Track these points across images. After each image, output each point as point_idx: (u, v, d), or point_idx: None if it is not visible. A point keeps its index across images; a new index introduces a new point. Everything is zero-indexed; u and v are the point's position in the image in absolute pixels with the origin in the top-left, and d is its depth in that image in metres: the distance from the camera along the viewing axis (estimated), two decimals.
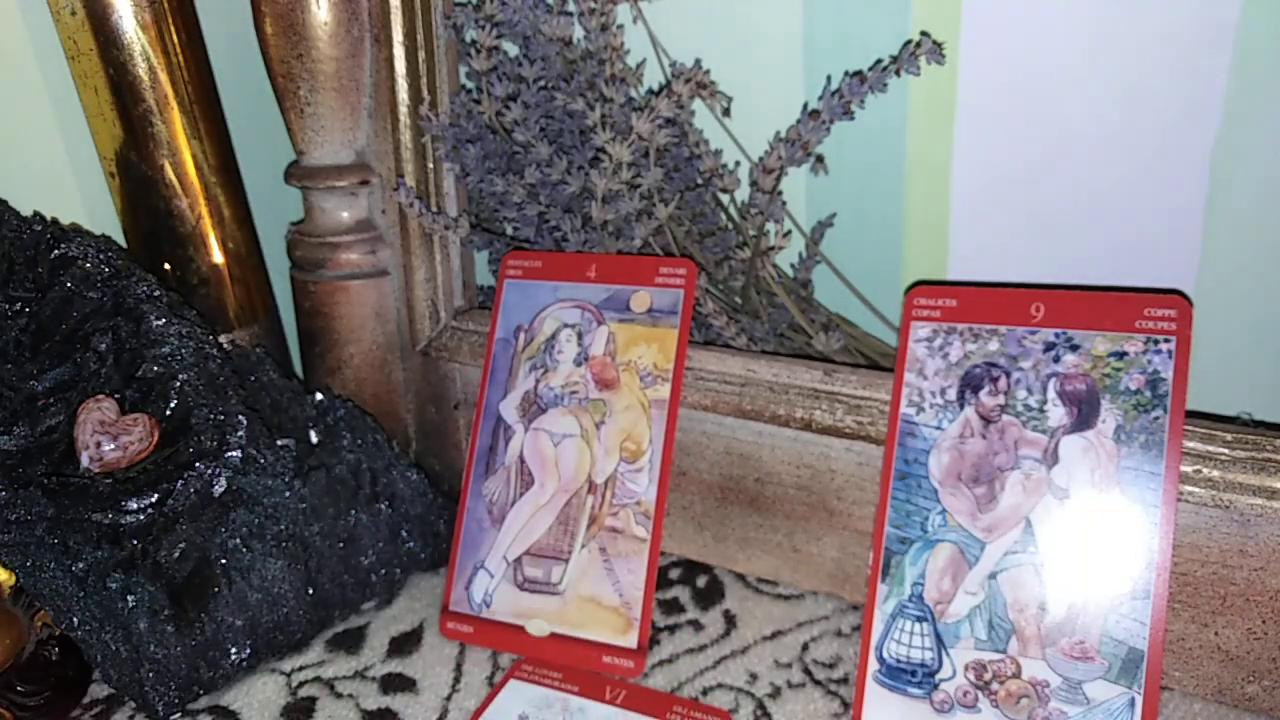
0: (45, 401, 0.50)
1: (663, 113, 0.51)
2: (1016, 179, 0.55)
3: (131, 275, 0.53)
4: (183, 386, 0.50)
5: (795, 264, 0.60)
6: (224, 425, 0.50)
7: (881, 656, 0.44)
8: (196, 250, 0.60)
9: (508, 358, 0.55)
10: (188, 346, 0.51)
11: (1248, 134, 0.49)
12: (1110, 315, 0.43)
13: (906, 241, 0.58)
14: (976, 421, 0.44)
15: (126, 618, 0.45)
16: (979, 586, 0.43)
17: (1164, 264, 0.54)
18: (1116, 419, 0.42)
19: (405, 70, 0.57)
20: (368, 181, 0.59)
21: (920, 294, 0.47)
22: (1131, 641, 0.40)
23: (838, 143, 0.55)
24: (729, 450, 0.53)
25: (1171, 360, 0.42)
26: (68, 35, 0.55)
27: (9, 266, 0.53)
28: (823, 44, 0.56)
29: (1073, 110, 0.52)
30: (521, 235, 0.58)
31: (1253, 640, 0.43)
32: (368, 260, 0.60)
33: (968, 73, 0.53)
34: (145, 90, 0.56)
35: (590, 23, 0.54)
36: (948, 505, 0.44)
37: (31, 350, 0.52)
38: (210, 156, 0.59)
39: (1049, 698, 0.41)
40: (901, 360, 0.47)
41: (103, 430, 0.48)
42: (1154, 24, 0.49)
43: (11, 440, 0.49)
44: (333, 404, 0.57)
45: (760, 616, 0.52)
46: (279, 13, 0.55)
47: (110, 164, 0.58)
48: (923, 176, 0.56)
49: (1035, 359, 0.44)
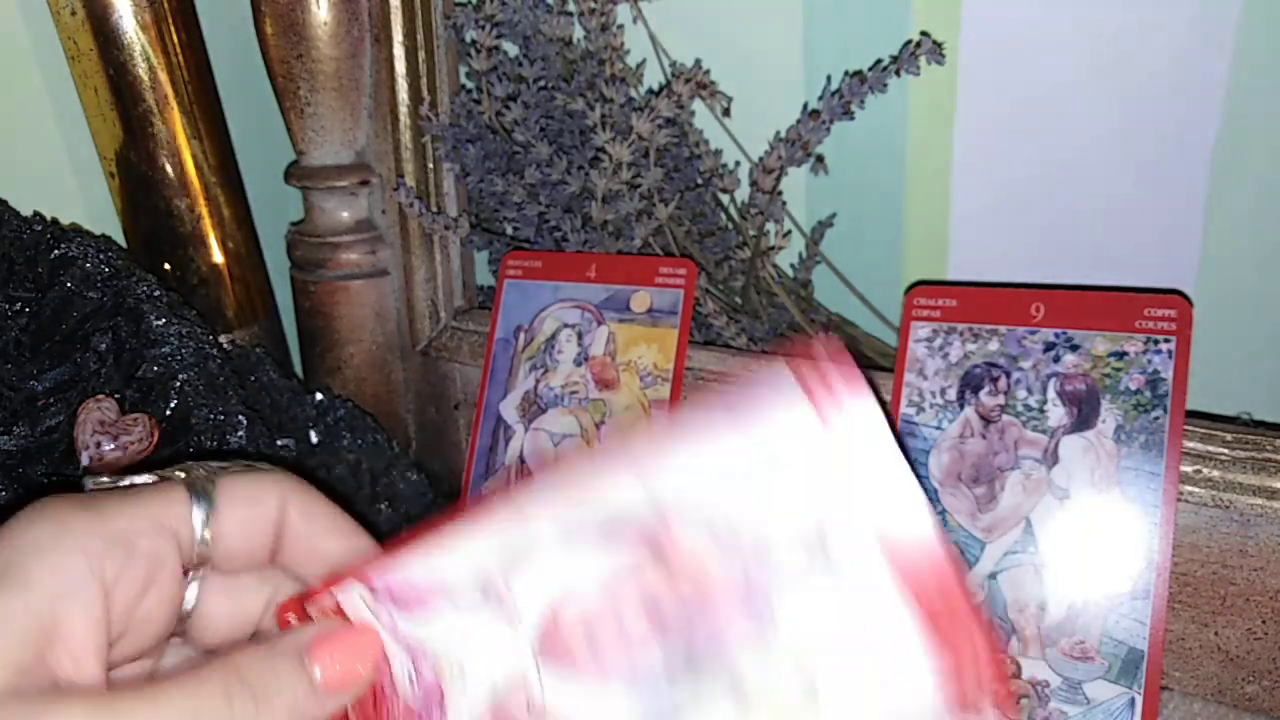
0: (45, 401, 0.50)
1: (663, 113, 0.51)
2: (1017, 179, 0.55)
3: (131, 275, 0.53)
4: (183, 386, 0.50)
5: (795, 264, 0.60)
6: (224, 425, 0.50)
7: None
8: (196, 250, 0.60)
9: (508, 358, 0.55)
10: (188, 346, 0.51)
11: (1248, 134, 0.49)
12: (1110, 315, 0.43)
13: (906, 241, 0.58)
14: (976, 421, 0.44)
15: None
16: (979, 586, 0.43)
17: (1164, 264, 0.54)
18: (1116, 419, 0.42)
19: (405, 70, 0.57)
20: (368, 181, 0.59)
21: (920, 294, 0.47)
22: (1131, 641, 0.40)
23: (838, 143, 0.55)
24: None
25: (1171, 360, 0.42)
26: (68, 35, 0.55)
27: (9, 266, 0.53)
28: (823, 44, 0.56)
29: (1073, 110, 0.52)
30: (521, 235, 0.58)
31: (1253, 640, 0.43)
32: (368, 260, 0.60)
33: (968, 73, 0.53)
34: (145, 90, 0.56)
35: (590, 23, 0.54)
36: (948, 505, 0.44)
37: (31, 350, 0.52)
38: (210, 156, 0.59)
39: (1049, 698, 0.41)
40: (901, 360, 0.47)
41: (103, 430, 0.48)
42: (1154, 24, 0.49)
43: (11, 440, 0.49)
44: (333, 404, 0.57)
45: None
46: (279, 13, 0.55)
47: (110, 164, 0.58)
48: (923, 177, 0.56)
49: (1035, 359, 0.44)
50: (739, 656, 0.27)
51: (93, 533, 0.27)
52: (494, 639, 0.29)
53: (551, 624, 0.28)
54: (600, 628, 0.28)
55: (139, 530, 0.28)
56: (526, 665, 0.28)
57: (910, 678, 0.25)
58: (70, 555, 0.26)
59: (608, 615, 0.28)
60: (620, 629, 0.28)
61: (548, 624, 0.28)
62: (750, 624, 0.27)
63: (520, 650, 0.28)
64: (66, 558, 0.26)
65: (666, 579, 0.27)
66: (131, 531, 0.28)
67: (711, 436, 0.29)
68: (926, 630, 0.25)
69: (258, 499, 0.30)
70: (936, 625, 0.25)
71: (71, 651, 0.26)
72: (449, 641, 0.29)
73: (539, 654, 0.28)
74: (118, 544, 0.27)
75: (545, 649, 0.28)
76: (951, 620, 0.25)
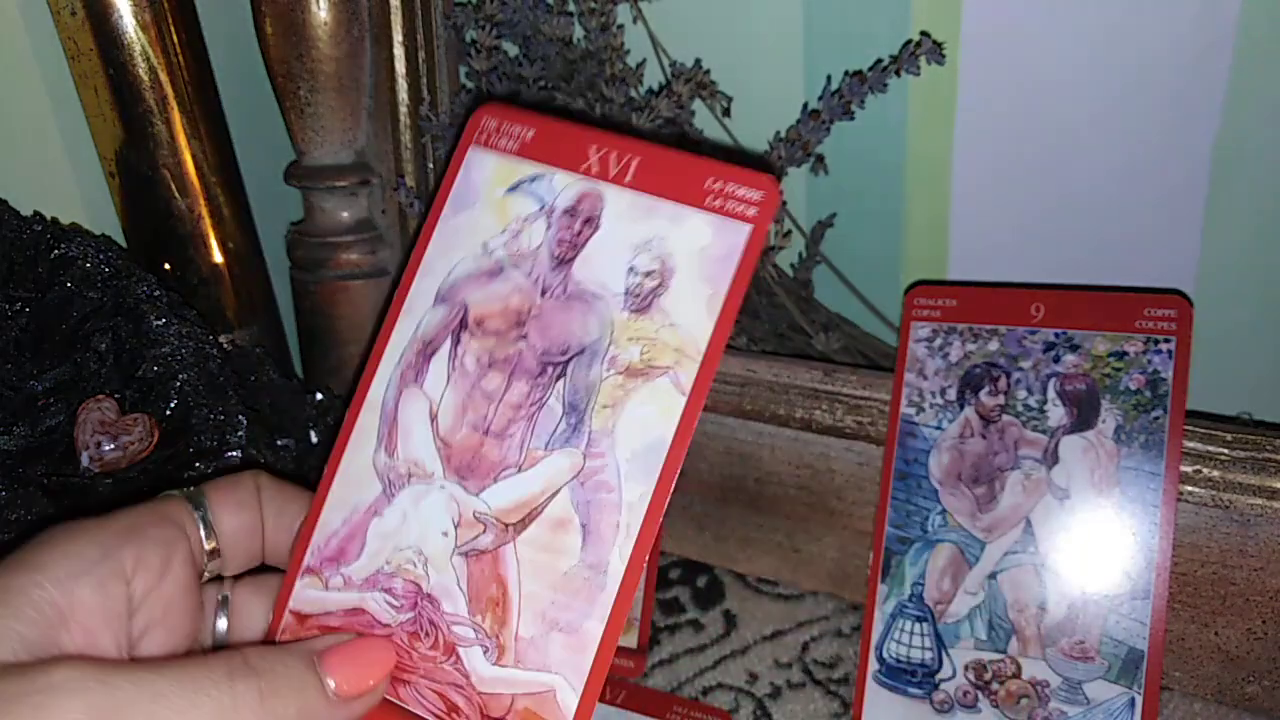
0: (45, 401, 0.50)
1: (663, 113, 0.51)
2: (1016, 179, 0.55)
3: (131, 275, 0.53)
4: (183, 386, 0.50)
5: (795, 264, 0.60)
6: (224, 425, 0.50)
7: (881, 656, 0.44)
8: (196, 250, 0.60)
9: None
10: (188, 346, 0.51)
11: (1248, 134, 0.49)
12: (1110, 315, 0.43)
13: (906, 241, 0.58)
14: (976, 421, 0.44)
15: None
16: (979, 586, 0.43)
17: (1164, 264, 0.54)
18: (1116, 419, 0.42)
19: (405, 70, 0.57)
20: (368, 181, 0.59)
21: (920, 294, 0.47)
22: (1131, 641, 0.40)
23: (838, 143, 0.55)
24: (729, 450, 0.53)
25: (1171, 360, 0.42)
26: (68, 35, 0.55)
27: (9, 266, 0.53)
28: (823, 44, 0.56)
29: (1073, 110, 0.52)
30: None
31: (1253, 640, 0.43)
32: (368, 260, 0.60)
33: (968, 73, 0.53)
34: (145, 90, 0.56)
35: (590, 23, 0.54)
36: (948, 505, 0.44)
37: (31, 350, 0.52)
38: (210, 156, 0.59)
39: (1049, 698, 0.41)
40: (901, 360, 0.47)
41: (103, 430, 0.48)
42: (1154, 24, 0.49)
43: (11, 440, 0.49)
44: (333, 404, 0.57)
45: (760, 616, 0.52)
46: (279, 13, 0.55)
47: (110, 164, 0.58)
48: (923, 176, 0.56)
49: (1035, 359, 0.44)
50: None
51: (103, 527, 0.28)
52: (419, 505, 0.30)
53: (444, 447, 0.30)
54: (474, 408, 0.30)
55: (145, 521, 0.29)
56: (455, 493, 0.30)
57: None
58: (82, 544, 0.27)
59: (473, 395, 0.30)
60: (485, 395, 0.30)
61: (442, 451, 0.30)
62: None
63: (441, 489, 0.30)
64: (78, 546, 0.27)
65: (487, 336, 0.30)
66: (139, 523, 0.29)
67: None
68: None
69: (237, 482, 0.33)
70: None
71: (86, 630, 0.26)
72: (394, 546, 0.30)
73: (458, 477, 0.30)
74: (128, 532, 0.28)
75: (456, 468, 0.30)
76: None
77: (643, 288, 0.29)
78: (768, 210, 0.28)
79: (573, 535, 0.28)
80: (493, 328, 0.30)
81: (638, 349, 0.29)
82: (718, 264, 0.28)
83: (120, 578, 0.27)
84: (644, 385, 0.28)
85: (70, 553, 0.27)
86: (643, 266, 0.29)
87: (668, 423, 0.28)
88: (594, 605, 0.28)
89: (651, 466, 0.28)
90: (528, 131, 0.31)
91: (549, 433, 0.29)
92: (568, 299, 0.30)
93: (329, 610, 0.31)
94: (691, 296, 0.28)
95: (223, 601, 0.32)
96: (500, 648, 0.29)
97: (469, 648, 0.29)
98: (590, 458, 0.29)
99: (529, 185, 0.30)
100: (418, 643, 0.30)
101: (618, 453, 0.28)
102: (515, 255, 0.31)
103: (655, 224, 0.29)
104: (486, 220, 0.31)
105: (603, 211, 0.29)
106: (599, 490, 0.28)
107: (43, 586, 0.26)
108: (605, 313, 0.29)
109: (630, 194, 0.29)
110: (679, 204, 0.29)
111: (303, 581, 0.31)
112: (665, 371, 0.28)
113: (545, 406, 0.29)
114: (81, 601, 0.26)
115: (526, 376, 0.30)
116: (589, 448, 0.29)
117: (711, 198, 0.28)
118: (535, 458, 0.29)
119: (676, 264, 0.29)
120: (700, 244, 0.28)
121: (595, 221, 0.30)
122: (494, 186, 0.31)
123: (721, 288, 0.28)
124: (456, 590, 0.29)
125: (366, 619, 0.30)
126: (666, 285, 0.29)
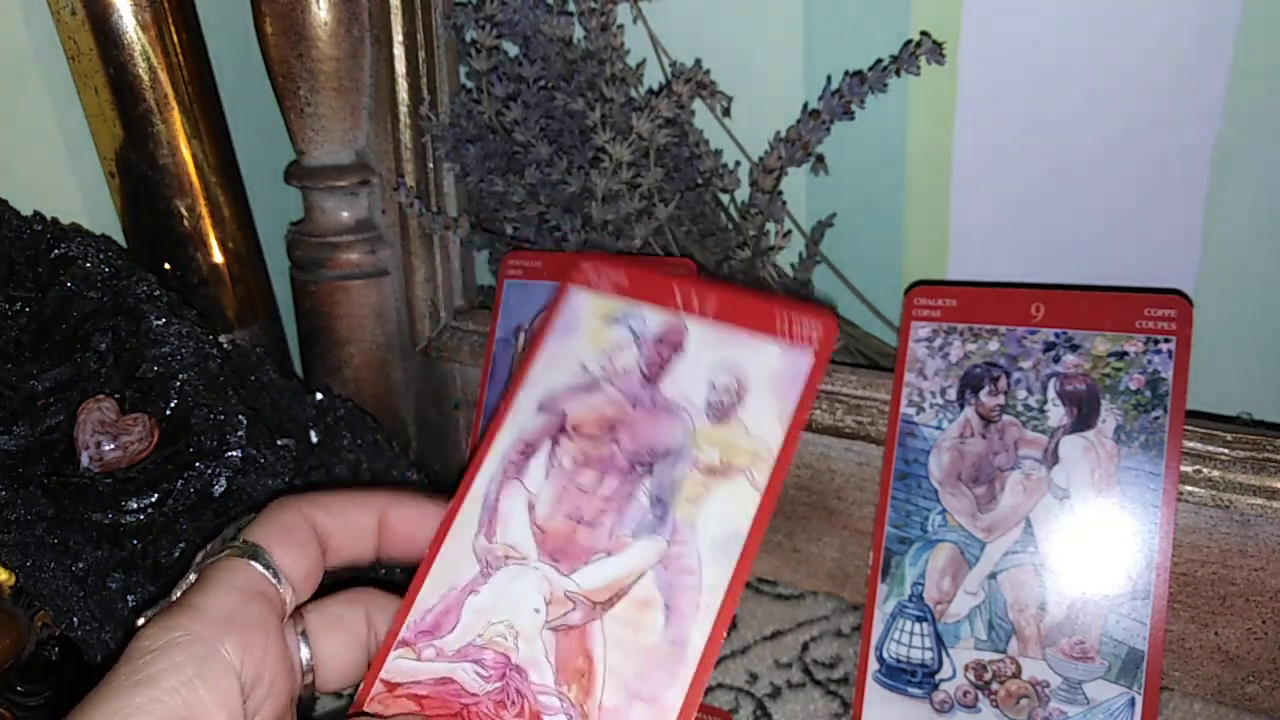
0: (45, 401, 0.50)
1: (663, 113, 0.51)
2: (1016, 178, 0.55)
3: (131, 275, 0.53)
4: (183, 386, 0.50)
5: (795, 264, 0.60)
6: (224, 425, 0.50)
7: (881, 656, 0.44)
8: (196, 250, 0.60)
9: (508, 358, 0.55)
10: (188, 346, 0.51)
11: (1248, 134, 0.49)
12: (1110, 315, 0.43)
13: (906, 241, 0.58)
14: (976, 421, 0.44)
15: (127, 618, 0.45)
16: (979, 586, 0.43)
17: (1164, 264, 0.54)
18: (1116, 419, 0.42)
19: (405, 70, 0.57)
20: (368, 181, 0.59)
21: (920, 294, 0.47)
22: (1131, 641, 0.40)
23: (838, 143, 0.55)
24: None
25: (1171, 360, 0.42)
26: (68, 35, 0.55)
27: (9, 266, 0.53)
28: (823, 44, 0.56)
29: (1073, 110, 0.52)
30: (521, 235, 0.58)
31: (1253, 640, 0.43)
32: (368, 260, 0.60)
33: (968, 73, 0.53)
34: (145, 90, 0.56)
35: (590, 23, 0.54)
36: (948, 505, 0.44)
37: (31, 350, 0.52)
38: (210, 156, 0.59)
39: (1049, 698, 0.41)
40: (901, 360, 0.47)
41: (103, 430, 0.48)
42: (1154, 23, 0.49)
43: (11, 440, 0.49)
44: (333, 404, 0.57)
45: (760, 616, 0.52)
46: (279, 13, 0.55)
47: (110, 164, 0.58)
48: (923, 176, 0.56)
49: (1035, 359, 0.44)
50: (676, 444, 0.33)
51: (197, 618, 0.29)
52: (514, 584, 0.33)
53: (540, 534, 0.33)
54: (569, 500, 0.33)
55: (235, 602, 0.30)
56: (548, 574, 0.32)
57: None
58: (188, 647, 0.28)
59: (569, 489, 0.33)
60: (580, 489, 0.33)
61: (538, 536, 0.33)
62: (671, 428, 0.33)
63: (535, 570, 0.32)
64: (185, 650, 0.28)
65: (583, 439, 0.34)
66: (231, 609, 0.29)
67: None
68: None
69: (287, 524, 0.33)
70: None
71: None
72: (487, 620, 0.32)
73: (552, 560, 0.32)
74: (226, 625, 0.29)
75: (550, 552, 0.33)
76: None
77: (722, 402, 0.33)
78: (829, 339, 0.32)
79: (656, 613, 0.31)
80: (588, 432, 0.34)
81: (717, 452, 0.32)
82: (787, 383, 0.32)
83: (230, 672, 0.28)
84: (723, 483, 0.32)
85: (178, 662, 0.27)
86: (721, 383, 0.33)
87: (744, 515, 0.31)
88: (675, 677, 0.30)
89: (730, 553, 0.31)
90: (621, 276, 0.35)
91: (636, 522, 0.32)
92: (655, 409, 0.33)
93: (418, 679, 0.32)
94: (765, 410, 0.32)
95: (302, 634, 0.33)
96: (584, 716, 0.30)
97: (554, 715, 0.31)
98: (674, 544, 0.32)
99: (624, 318, 0.35)
100: (504, 711, 0.31)
101: (699, 541, 0.31)
102: (609, 373, 0.34)
103: (732, 350, 0.33)
104: (585, 346, 0.35)
105: (686, 339, 0.34)
106: (682, 573, 0.31)
107: (161, 701, 0.26)
108: (688, 422, 0.33)
109: (710, 325, 0.34)
110: (753, 333, 0.33)
111: (396, 653, 0.33)
112: (742, 471, 0.32)
113: (634, 499, 0.33)
114: (199, 701, 0.27)
115: (617, 474, 0.33)
116: (673, 535, 0.32)
117: (781, 326, 0.32)
118: (624, 543, 0.32)
119: (751, 383, 0.32)
120: (772, 367, 0.32)
121: (680, 347, 0.34)
122: (593, 319, 0.35)
123: (790, 402, 0.32)
124: (545, 662, 0.31)
125: (455, 688, 0.32)
126: (743, 399, 0.32)
